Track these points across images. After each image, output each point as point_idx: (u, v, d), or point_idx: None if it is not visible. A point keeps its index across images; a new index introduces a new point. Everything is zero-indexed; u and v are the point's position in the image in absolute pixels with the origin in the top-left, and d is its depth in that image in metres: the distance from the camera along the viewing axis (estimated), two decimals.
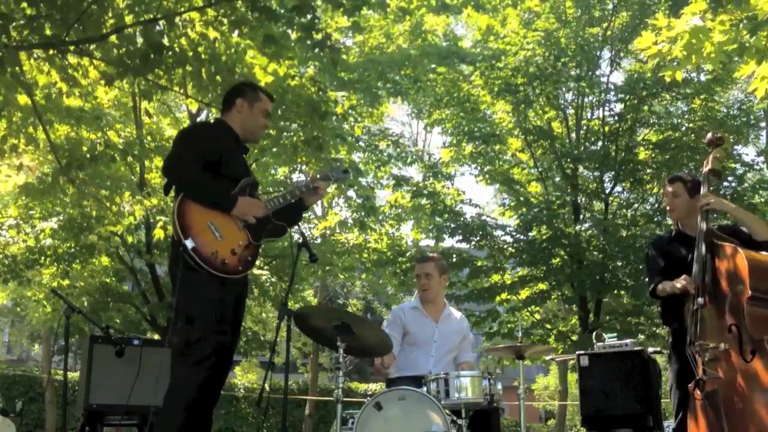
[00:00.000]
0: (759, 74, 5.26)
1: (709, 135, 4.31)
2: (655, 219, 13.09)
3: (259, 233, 3.67)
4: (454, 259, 13.05)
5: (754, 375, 3.62)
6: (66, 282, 11.68)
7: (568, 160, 13.04)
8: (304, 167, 9.52)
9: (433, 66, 13.03)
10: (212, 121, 4.37)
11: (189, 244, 3.38)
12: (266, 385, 3.82)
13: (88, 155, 7.15)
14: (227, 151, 3.69)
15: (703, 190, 4.19)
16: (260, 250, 3.79)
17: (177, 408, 3.38)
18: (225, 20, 6.01)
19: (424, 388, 4.03)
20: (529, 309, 13.58)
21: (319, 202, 17.09)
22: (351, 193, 13.30)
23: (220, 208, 3.55)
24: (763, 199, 13.16)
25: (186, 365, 3.41)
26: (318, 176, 4.04)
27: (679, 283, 4.06)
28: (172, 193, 3.66)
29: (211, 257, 3.42)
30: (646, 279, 4.65)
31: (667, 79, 5.83)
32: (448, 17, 14.12)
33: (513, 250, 13.22)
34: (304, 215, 4.38)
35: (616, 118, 13.19)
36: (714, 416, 3.72)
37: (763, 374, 3.60)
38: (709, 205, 4.08)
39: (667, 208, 4.54)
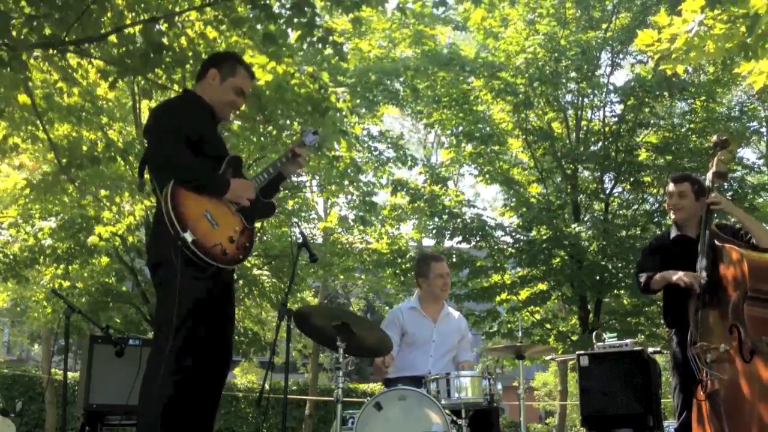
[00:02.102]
0: (757, 69, 5.27)
1: (715, 137, 4.31)
2: (655, 219, 13.10)
3: (252, 216, 3.49)
4: (454, 259, 13.04)
5: (754, 375, 3.62)
6: (66, 283, 11.68)
7: (569, 160, 13.04)
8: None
9: (434, 69, 13.02)
10: (182, 93, 3.88)
11: (188, 237, 3.13)
12: (266, 385, 3.80)
13: (87, 156, 7.14)
14: (206, 127, 3.46)
15: (710, 192, 4.18)
16: (261, 251, 3.69)
17: (154, 398, 3.19)
18: (225, 19, 6.01)
19: (424, 388, 4.03)
20: (529, 309, 13.58)
21: (320, 202, 17.16)
22: (350, 189, 13.28)
23: (213, 193, 3.33)
24: (762, 200, 13.16)
25: (163, 355, 3.17)
26: (295, 145, 3.80)
27: (683, 279, 4.06)
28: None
29: (213, 248, 3.22)
30: (637, 274, 4.59)
31: (668, 72, 5.82)
32: (454, 29, 14.18)
33: (513, 250, 13.22)
34: (304, 215, 4.29)
35: (616, 119, 13.20)
36: (715, 417, 3.72)
37: (763, 374, 3.60)
38: (718, 205, 4.06)
39: (672, 207, 4.46)
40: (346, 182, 12.71)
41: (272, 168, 3.68)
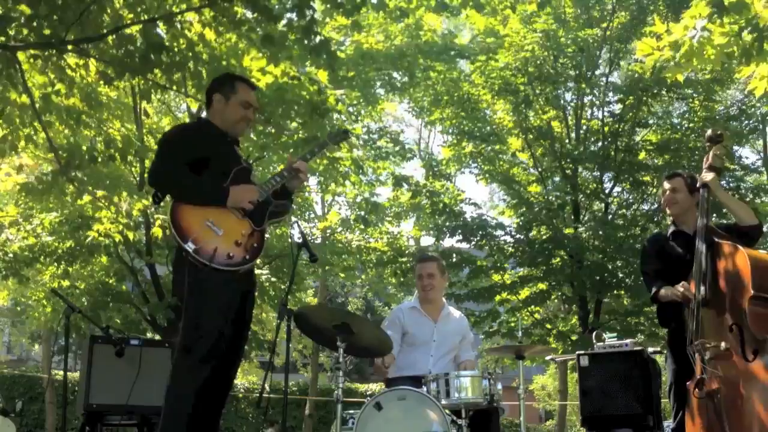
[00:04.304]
0: (759, 74, 5.26)
1: (709, 132, 4.34)
2: (655, 219, 13.10)
3: (262, 218, 3.62)
4: (454, 259, 13.05)
5: (755, 374, 3.61)
6: (66, 282, 11.67)
7: (568, 160, 13.04)
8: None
9: (431, 62, 13.02)
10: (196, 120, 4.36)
11: (190, 246, 3.37)
12: (266, 385, 3.81)
13: (86, 156, 7.12)
14: (212, 146, 3.65)
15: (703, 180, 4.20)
16: (264, 244, 3.72)
17: (179, 408, 3.36)
18: (224, 20, 6.00)
19: (424, 388, 4.03)
20: (529, 309, 13.58)
21: (319, 202, 17.15)
22: (352, 189, 13.28)
23: (212, 203, 3.51)
24: (761, 200, 13.16)
25: (187, 364, 3.40)
26: (298, 158, 3.93)
27: (679, 290, 4.07)
28: (169, 197, 3.64)
29: (214, 254, 3.39)
30: (644, 281, 4.64)
31: (669, 80, 5.82)
32: (448, 17, 14.16)
33: (513, 250, 13.22)
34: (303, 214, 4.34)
35: (615, 118, 13.20)
36: (714, 415, 3.71)
37: (764, 373, 3.59)
38: (708, 181, 4.09)
39: (667, 204, 4.52)
40: (347, 182, 12.69)
41: (286, 171, 3.81)
